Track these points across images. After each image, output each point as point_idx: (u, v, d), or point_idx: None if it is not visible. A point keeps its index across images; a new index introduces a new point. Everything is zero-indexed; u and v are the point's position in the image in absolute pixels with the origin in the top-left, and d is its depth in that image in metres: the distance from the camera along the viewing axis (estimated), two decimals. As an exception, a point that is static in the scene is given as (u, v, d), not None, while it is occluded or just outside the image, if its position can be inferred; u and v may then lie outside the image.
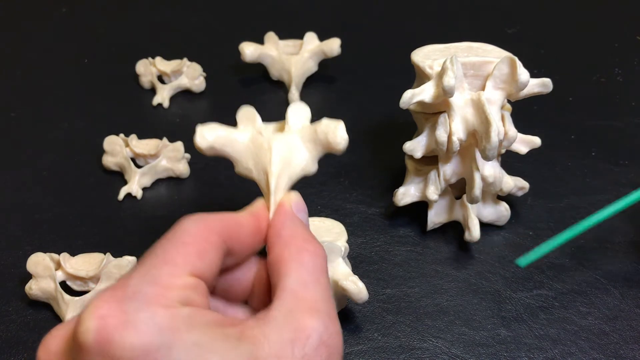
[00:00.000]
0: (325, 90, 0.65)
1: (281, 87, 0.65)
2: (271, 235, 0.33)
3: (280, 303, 0.29)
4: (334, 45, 0.63)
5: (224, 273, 0.32)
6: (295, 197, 0.35)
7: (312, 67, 0.64)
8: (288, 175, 0.36)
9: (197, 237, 0.29)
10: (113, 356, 0.25)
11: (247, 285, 0.33)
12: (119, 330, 0.25)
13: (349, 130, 0.62)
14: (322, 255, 0.31)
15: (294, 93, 0.63)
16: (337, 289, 0.41)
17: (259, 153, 0.36)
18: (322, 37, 0.65)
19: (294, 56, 0.64)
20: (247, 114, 0.37)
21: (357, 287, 0.41)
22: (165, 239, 0.30)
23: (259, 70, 0.66)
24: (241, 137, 0.37)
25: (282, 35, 0.66)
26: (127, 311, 0.25)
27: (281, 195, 0.35)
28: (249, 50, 0.63)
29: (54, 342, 0.27)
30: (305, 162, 0.37)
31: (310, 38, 0.64)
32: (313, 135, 0.37)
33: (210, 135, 0.36)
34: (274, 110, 0.63)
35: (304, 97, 0.63)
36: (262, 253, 0.34)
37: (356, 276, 0.41)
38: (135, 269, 0.28)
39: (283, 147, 0.36)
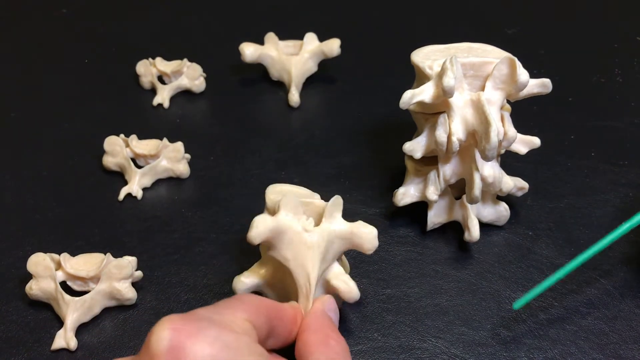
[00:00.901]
0: (325, 90, 0.65)
1: (281, 87, 0.65)
2: (303, 325, 0.37)
3: None
4: (333, 46, 0.63)
5: None
6: (328, 300, 0.39)
7: (312, 68, 0.64)
8: (322, 270, 0.40)
9: (252, 301, 0.33)
10: None
11: None
12: (191, 339, 0.27)
13: (349, 130, 0.62)
14: (345, 345, 0.35)
15: (294, 93, 0.62)
16: (328, 289, 0.41)
17: (301, 248, 0.39)
18: (322, 37, 0.65)
19: (294, 56, 0.64)
20: (292, 205, 0.39)
21: (347, 286, 0.40)
22: (225, 299, 0.33)
23: (259, 70, 0.66)
24: (289, 228, 0.39)
25: (282, 36, 0.66)
26: (198, 327, 0.28)
27: (313, 291, 0.39)
28: (249, 51, 0.63)
29: None
30: (335, 255, 0.40)
31: (310, 38, 0.64)
32: (348, 235, 0.40)
33: (265, 229, 0.38)
34: (274, 111, 0.63)
35: (304, 97, 0.63)
36: None
37: (348, 275, 0.41)
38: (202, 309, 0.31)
39: (323, 246, 0.39)
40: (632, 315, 0.44)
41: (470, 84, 0.45)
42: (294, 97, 0.62)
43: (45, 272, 0.44)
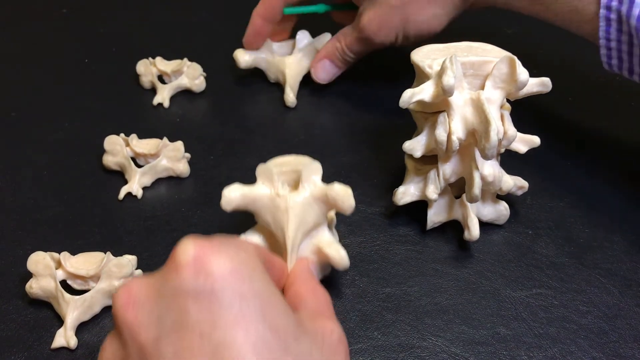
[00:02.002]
0: (324, 89, 0.65)
1: (281, 88, 0.65)
2: (291, 277, 0.41)
3: (303, 312, 0.35)
4: (325, 40, 0.63)
5: None
6: (310, 260, 0.44)
7: (307, 67, 0.64)
8: (302, 232, 0.42)
9: (252, 243, 0.35)
10: (207, 271, 0.30)
11: None
12: (214, 253, 0.30)
13: (348, 129, 0.62)
14: (329, 297, 0.39)
15: (289, 94, 0.62)
16: (320, 256, 0.43)
17: (277, 213, 0.42)
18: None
19: (287, 57, 0.63)
20: (266, 173, 0.42)
21: (338, 254, 0.43)
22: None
23: (259, 70, 0.66)
24: (261, 195, 0.42)
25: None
26: (219, 245, 0.31)
27: (296, 250, 0.42)
28: (243, 58, 0.63)
29: (134, 286, 0.32)
30: (316, 218, 0.43)
31: (302, 37, 0.64)
32: (324, 197, 0.42)
33: (235, 196, 0.42)
34: (273, 111, 0.63)
35: (303, 96, 0.63)
36: None
37: (339, 244, 0.43)
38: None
39: (298, 209, 0.42)
40: (632, 314, 0.44)
41: (470, 83, 0.45)
42: (290, 97, 0.62)
43: (45, 270, 0.44)
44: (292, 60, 0.63)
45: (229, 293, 0.29)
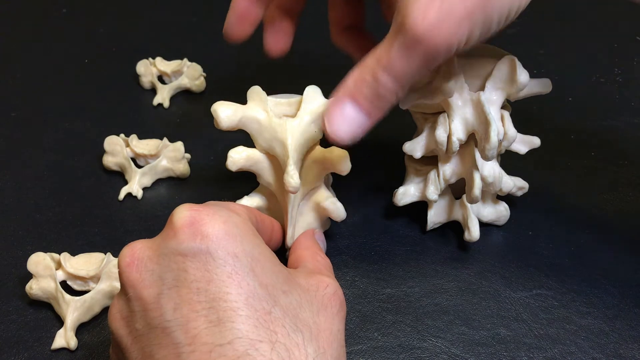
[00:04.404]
0: (324, 90, 0.65)
1: (281, 88, 0.65)
2: (296, 243, 0.44)
3: (301, 270, 0.38)
4: None
5: None
6: (318, 231, 0.47)
7: (315, 135, 0.44)
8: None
9: (243, 205, 0.40)
10: (202, 233, 0.32)
11: None
12: (209, 216, 0.33)
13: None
14: (328, 262, 0.42)
15: (292, 174, 0.42)
16: (318, 210, 0.46)
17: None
18: (322, 39, 0.65)
19: (289, 119, 0.44)
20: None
21: (335, 207, 0.46)
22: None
23: (260, 69, 0.66)
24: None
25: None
26: (212, 210, 0.34)
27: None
28: (224, 114, 0.44)
29: (137, 247, 0.34)
30: (315, 179, 0.46)
31: (312, 93, 0.44)
32: (322, 159, 0.45)
33: (240, 157, 0.45)
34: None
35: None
36: None
37: (335, 197, 0.47)
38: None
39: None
40: (632, 315, 0.44)
41: (470, 84, 0.45)
42: (293, 179, 0.42)
43: (45, 271, 0.44)
44: (297, 126, 0.44)
45: (223, 253, 0.32)
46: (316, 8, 0.75)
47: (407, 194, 0.49)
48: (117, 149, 0.54)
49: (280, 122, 0.44)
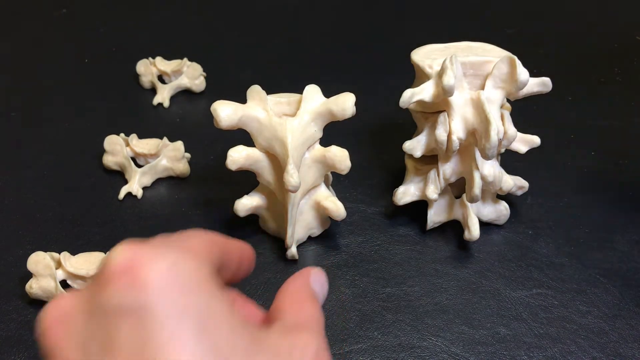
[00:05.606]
0: (324, 89, 0.65)
1: (281, 88, 0.65)
2: (283, 286, 0.35)
3: (276, 326, 0.30)
4: (346, 104, 0.44)
5: None
6: (317, 271, 0.35)
7: (315, 134, 0.45)
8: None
9: (207, 234, 0.31)
10: (140, 281, 0.26)
11: None
12: (151, 260, 0.26)
13: (348, 129, 0.62)
14: (318, 312, 0.33)
15: (292, 173, 0.43)
16: (318, 209, 0.47)
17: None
18: (321, 38, 0.65)
19: (289, 119, 0.45)
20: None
21: (335, 206, 0.46)
22: (183, 232, 0.31)
23: (259, 69, 0.66)
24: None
25: (283, 37, 0.66)
26: (158, 250, 0.27)
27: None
28: (224, 113, 0.45)
29: (64, 302, 0.28)
30: (315, 178, 0.46)
31: (312, 92, 0.45)
32: (323, 158, 0.45)
33: (239, 156, 0.45)
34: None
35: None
36: None
37: (335, 197, 0.47)
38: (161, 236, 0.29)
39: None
40: (632, 314, 0.44)
41: (470, 83, 0.45)
42: (293, 178, 0.43)
43: (45, 270, 0.44)
44: (297, 125, 0.44)
45: (165, 308, 0.26)
46: (316, 7, 0.75)
47: (407, 193, 0.49)
48: (117, 148, 0.54)
49: (280, 121, 0.44)
